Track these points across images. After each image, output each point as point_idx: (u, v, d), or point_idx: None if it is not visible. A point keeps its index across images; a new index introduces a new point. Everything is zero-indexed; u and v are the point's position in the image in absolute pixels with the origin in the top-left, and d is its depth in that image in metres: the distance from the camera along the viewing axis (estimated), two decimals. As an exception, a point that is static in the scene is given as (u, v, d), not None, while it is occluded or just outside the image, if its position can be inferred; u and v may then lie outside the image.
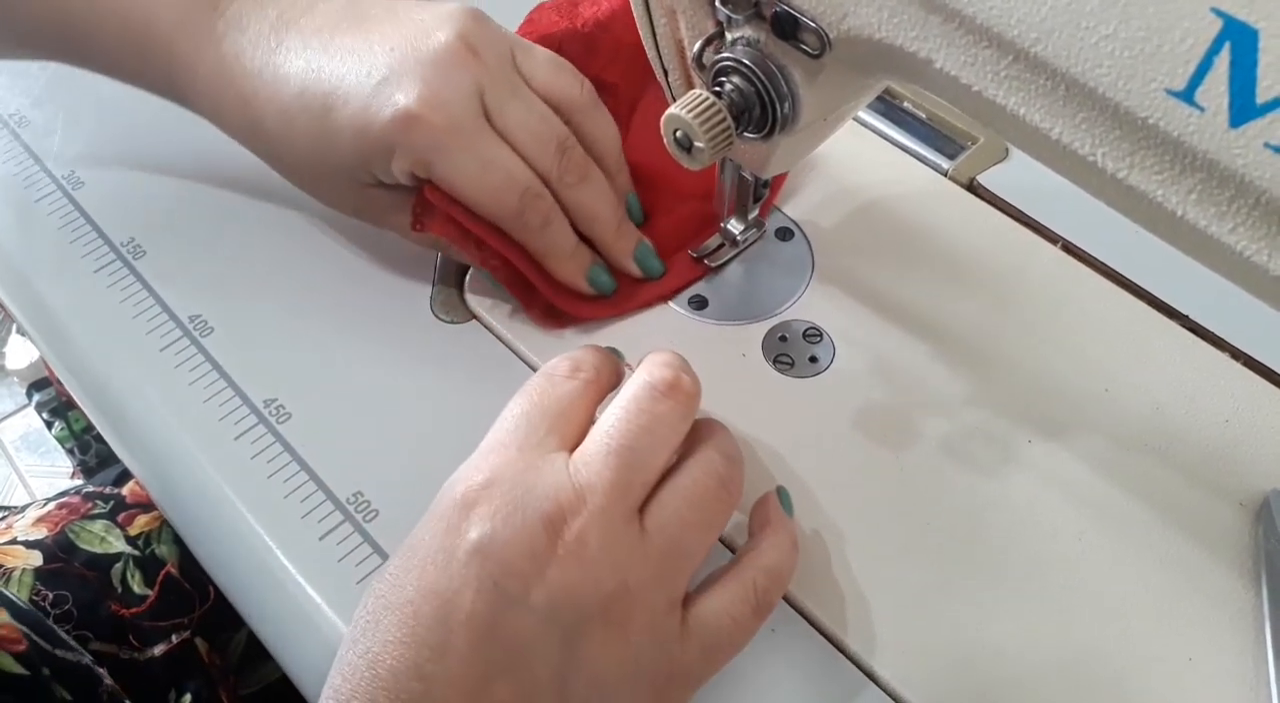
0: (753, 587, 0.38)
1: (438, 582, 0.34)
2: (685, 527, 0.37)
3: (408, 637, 0.33)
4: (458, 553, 0.34)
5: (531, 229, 0.46)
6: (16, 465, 1.71)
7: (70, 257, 0.53)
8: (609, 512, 0.35)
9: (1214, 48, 0.26)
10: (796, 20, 0.37)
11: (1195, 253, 0.32)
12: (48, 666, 0.50)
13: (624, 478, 0.36)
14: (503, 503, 0.35)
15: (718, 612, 0.37)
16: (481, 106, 0.45)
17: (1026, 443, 0.47)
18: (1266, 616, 0.41)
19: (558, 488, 0.35)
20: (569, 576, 0.34)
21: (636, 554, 0.35)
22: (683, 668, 0.36)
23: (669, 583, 0.36)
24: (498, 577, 0.34)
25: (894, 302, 0.51)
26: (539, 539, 0.34)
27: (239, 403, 0.48)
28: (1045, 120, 0.32)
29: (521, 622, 0.33)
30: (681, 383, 0.39)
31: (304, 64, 0.45)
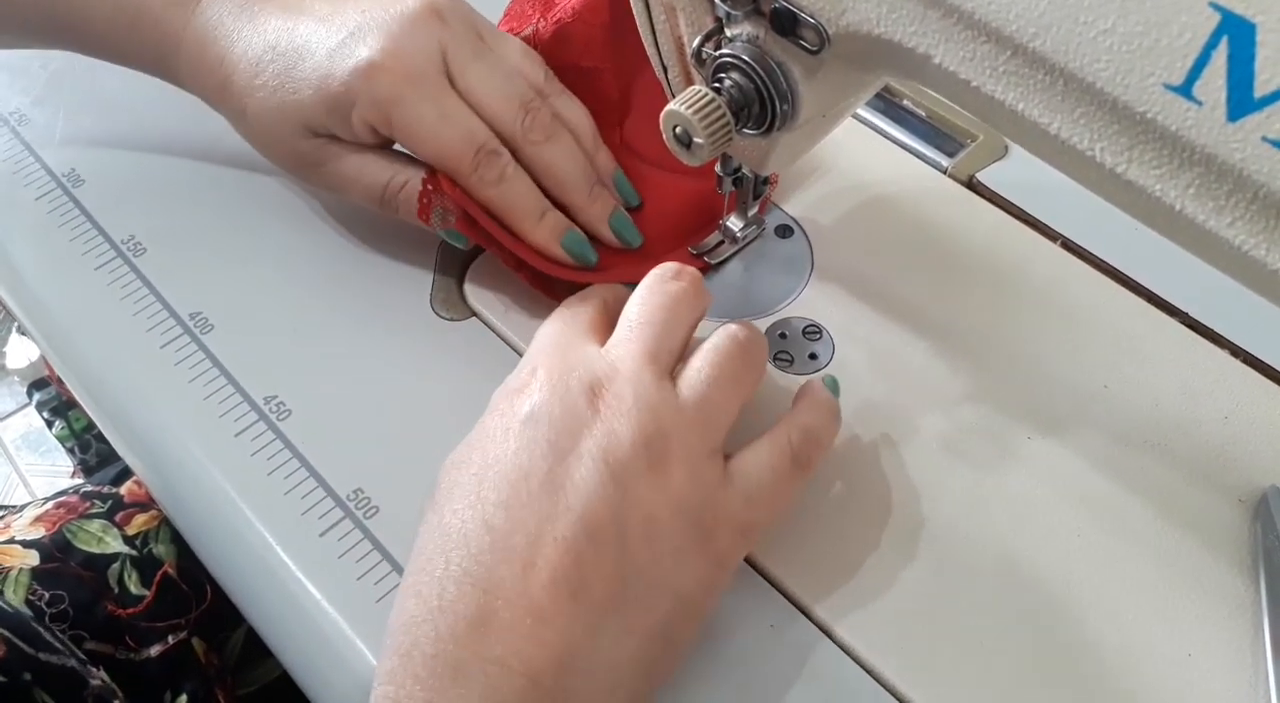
0: (788, 441, 0.41)
1: (497, 451, 0.38)
2: (712, 382, 0.40)
3: (474, 501, 0.37)
4: (512, 425, 0.38)
5: (488, 185, 0.47)
6: (17, 465, 1.71)
7: (70, 254, 0.53)
8: (640, 373, 0.39)
9: (1212, 42, 0.26)
10: (795, 16, 0.37)
11: (1194, 247, 0.32)
12: (29, 670, 0.50)
13: (650, 346, 0.40)
14: (547, 381, 0.39)
15: (757, 463, 0.40)
16: (444, 65, 0.46)
17: (1026, 439, 0.47)
18: (1265, 611, 0.41)
19: (593, 365, 0.40)
20: (611, 425, 0.38)
21: (670, 405, 0.39)
22: (728, 513, 0.39)
23: (704, 431, 0.39)
24: (550, 436, 0.37)
25: (893, 299, 0.51)
26: (582, 404, 0.38)
27: (239, 400, 0.48)
28: (1044, 115, 0.32)
29: (576, 468, 0.37)
30: (686, 269, 0.43)
31: (279, 24, 0.48)
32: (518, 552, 0.35)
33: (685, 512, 0.38)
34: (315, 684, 0.43)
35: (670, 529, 0.37)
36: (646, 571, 0.37)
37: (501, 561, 0.35)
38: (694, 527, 0.38)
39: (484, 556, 0.35)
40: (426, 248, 0.53)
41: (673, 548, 0.37)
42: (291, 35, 0.47)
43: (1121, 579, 0.43)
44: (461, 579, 0.35)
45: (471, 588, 0.35)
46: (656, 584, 0.37)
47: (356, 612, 0.42)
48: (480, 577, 0.35)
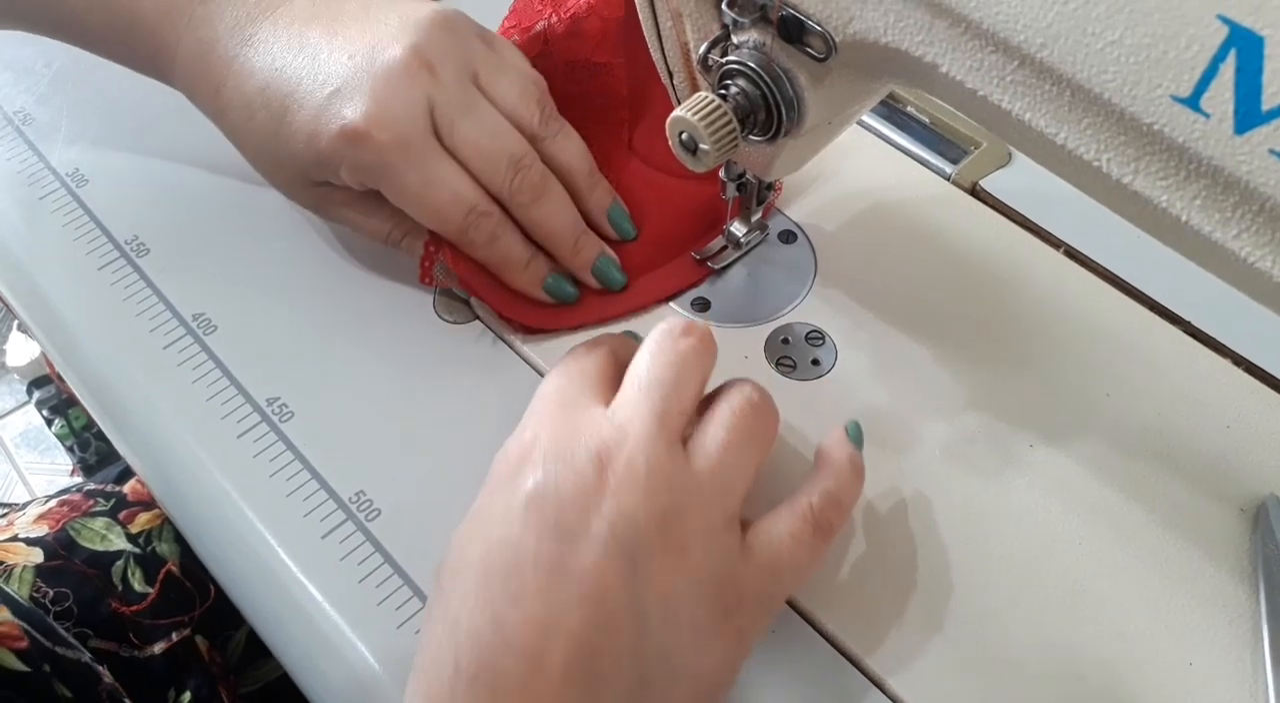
0: (809, 507, 0.39)
1: (502, 534, 0.36)
2: (727, 447, 0.38)
3: (483, 591, 0.35)
4: (515, 504, 0.36)
5: (478, 245, 0.47)
6: (16, 463, 1.71)
7: (74, 254, 0.53)
8: (651, 440, 0.36)
9: (1219, 55, 0.26)
10: (802, 24, 0.37)
11: (1199, 259, 0.32)
12: (48, 663, 0.50)
13: (659, 408, 0.37)
14: (550, 451, 0.37)
15: (778, 531, 0.38)
16: (431, 123, 0.45)
17: (1028, 447, 0.47)
18: (1264, 620, 0.41)
19: (599, 430, 0.37)
20: (623, 501, 0.35)
21: (684, 475, 0.37)
22: (749, 587, 0.37)
23: (721, 502, 0.37)
24: (557, 516, 0.35)
25: (896, 305, 0.51)
26: (589, 476, 0.36)
27: (242, 401, 0.48)
28: (1050, 126, 0.32)
29: (586, 554, 0.35)
30: (696, 324, 0.41)
31: (270, 60, 0.46)
32: (529, 648, 0.34)
33: (704, 589, 0.36)
34: (316, 685, 0.43)
35: (689, 609, 0.36)
36: (666, 655, 0.35)
37: (513, 660, 0.34)
38: (714, 604, 0.36)
39: (495, 655, 0.34)
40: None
41: (693, 629, 0.36)
42: (282, 77, 0.46)
43: (1123, 587, 0.43)
44: (473, 683, 0.34)
45: (484, 691, 0.33)
46: (676, 668, 0.35)
47: (358, 614, 0.42)
48: (491, 679, 0.33)
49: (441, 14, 0.47)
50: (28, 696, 0.48)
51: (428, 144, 0.45)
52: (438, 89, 0.45)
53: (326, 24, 0.47)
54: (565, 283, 0.50)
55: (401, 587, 0.42)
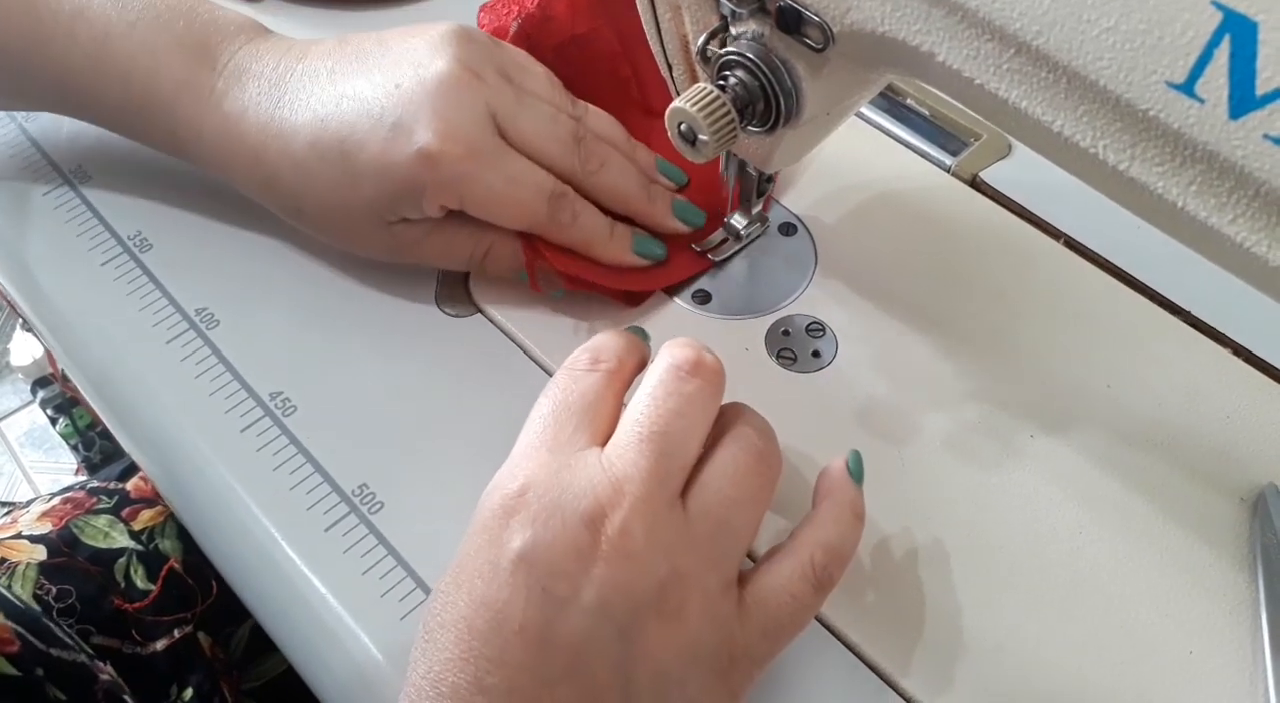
0: (810, 563, 0.37)
1: (487, 594, 0.34)
2: (730, 505, 0.36)
3: (465, 653, 0.33)
4: (502, 563, 0.34)
5: (564, 226, 0.47)
6: (20, 461, 1.71)
7: (77, 250, 0.53)
8: (649, 500, 0.35)
9: (1214, 40, 0.26)
10: (800, 14, 0.37)
11: (1196, 245, 0.32)
12: (41, 665, 0.50)
13: (661, 464, 0.35)
14: (540, 507, 0.35)
15: (776, 590, 0.36)
16: (494, 126, 0.45)
17: (1028, 438, 0.47)
18: (1263, 609, 0.41)
19: (594, 484, 0.35)
20: (617, 570, 0.34)
21: (683, 539, 0.35)
22: (744, 650, 0.36)
23: (721, 564, 0.36)
24: (545, 582, 0.33)
25: (897, 297, 0.51)
26: (582, 538, 0.34)
27: (245, 395, 0.48)
28: (1047, 113, 0.32)
29: (575, 624, 0.33)
30: (705, 360, 0.38)
31: (310, 115, 0.46)
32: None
33: (699, 660, 0.35)
34: (320, 678, 0.43)
35: (683, 679, 0.34)
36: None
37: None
38: (709, 673, 0.35)
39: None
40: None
41: (683, 697, 0.34)
42: (329, 127, 0.45)
43: (1123, 577, 0.43)
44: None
45: None
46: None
47: (361, 606, 0.42)
48: None
49: (457, 27, 0.47)
50: (18, 700, 0.48)
51: (497, 145, 0.45)
52: (490, 93, 0.45)
53: (353, 68, 0.46)
54: (651, 242, 0.50)
55: (405, 579, 0.43)
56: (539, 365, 0.49)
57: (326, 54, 0.47)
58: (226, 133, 0.47)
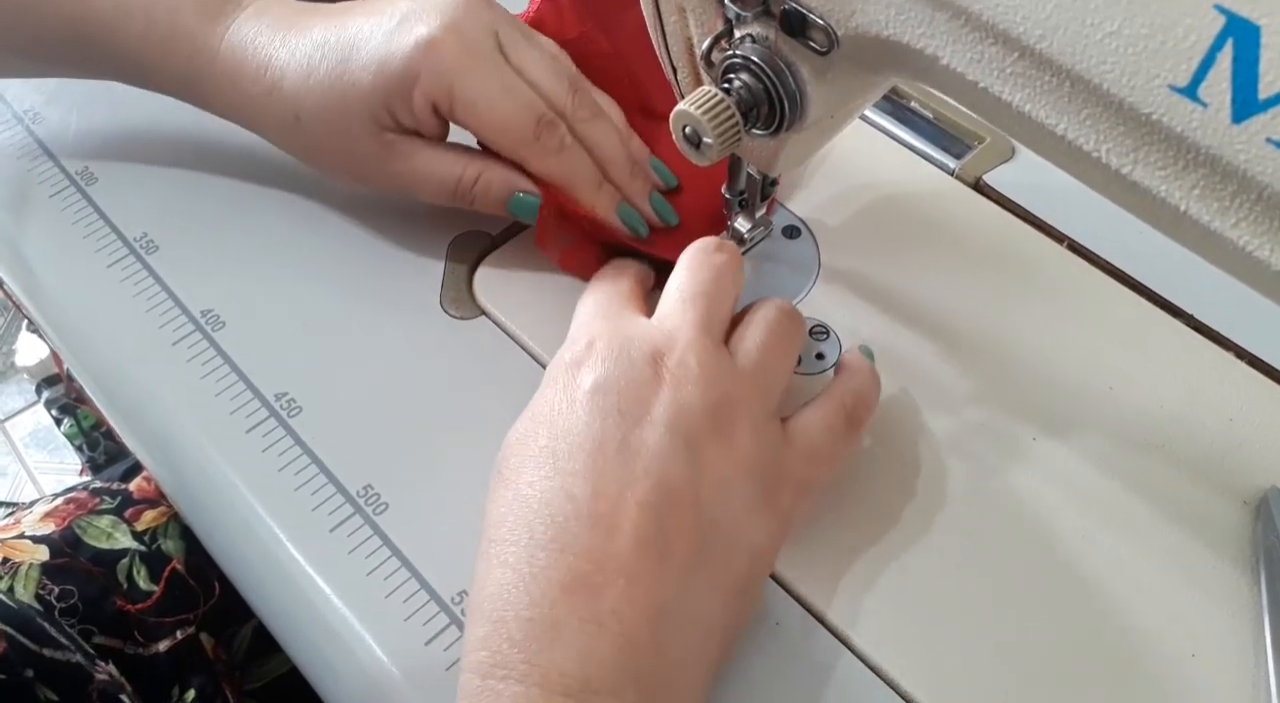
0: (841, 403, 0.43)
1: (568, 423, 0.39)
2: (766, 348, 0.42)
3: (551, 472, 0.38)
4: (578, 397, 0.39)
5: (550, 151, 0.48)
6: (25, 462, 1.71)
7: (83, 251, 0.53)
8: (699, 342, 0.40)
9: (1217, 44, 0.26)
10: (805, 18, 0.37)
11: (1198, 248, 0.32)
12: (31, 667, 0.50)
13: (704, 316, 0.42)
14: (607, 353, 0.40)
15: (815, 422, 0.42)
16: (497, 44, 0.47)
17: (1031, 440, 0.47)
18: (1266, 612, 0.41)
19: (651, 334, 0.41)
20: (679, 393, 0.39)
21: (730, 372, 0.41)
22: (789, 471, 0.41)
23: (764, 395, 0.41)
24: (620, 405, 0.38)
25: (900, 300, 0.52)
26: (646, 371, 0.39)
27: (250, 396, 0.48)
28: (1050, 117, 0.32)
29: (649, 435, 0.38)
30: (724, 243, 0.45)
31: (324, 25, 0.48)
32: (602, 517, 0.36)
33: (753, 472, 0.39)
34: (324, 678, 0.43)
35: (741, 489, 0.39)
36: (723, 529, 0.38)
37: (588, 527, 0.36)
38: (761, 485, 0.39)
39: (570, 523, 0.36)
40: (437, 246, 0.53)
41: (745, 506, 0.39)
42: (341, 32, 0.47)
43: (1125, 580, 0.43)
44: (550, 546, 0.36)
45: (561, 554, 0.36)
46: (733, 541, 0.38)
47: (365, 607, 0.42)
48: (569, 543, 0.36)
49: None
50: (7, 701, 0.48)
51: (497, 57, 0.47)
52: (497, 18, 0.47)
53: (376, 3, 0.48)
54: (636, 215, 0.51)
55: (409, 580, 0.43)
56: (543, 367, 0.49)
57: None
58: (238, 50, 0.49)
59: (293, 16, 0.49)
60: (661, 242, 0.51)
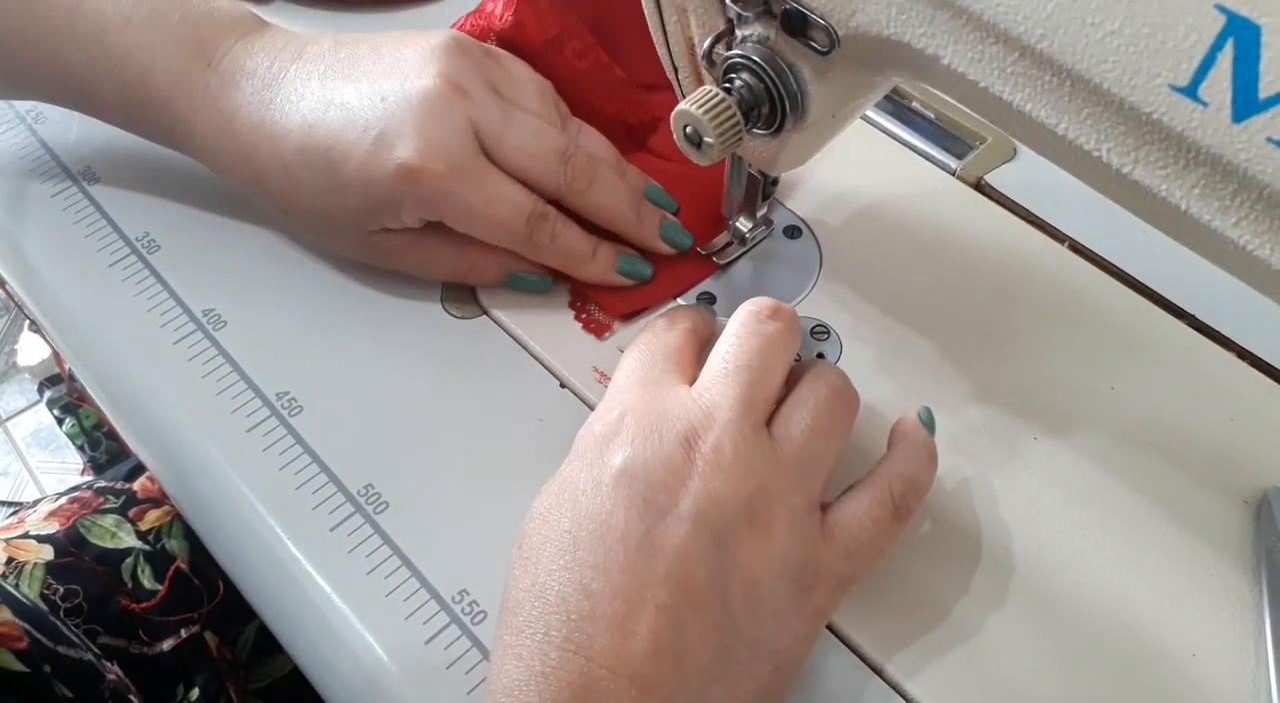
0: (889, 492, 0.40)
1: (590, 508, 0.36)
2: (812, 433, 0.39)
3: (570, 562, 0.36)
4: (605, 479, 0.37)
5: (543, 247, 0.48)
6: (27, 462, 1.72)
7: (85, 251, 0.53)
8: (739, 424, 0.38)
9: (1217, 44, 0.27)
10: (806, 17, 0.37)
11: (1199, 247, 0.32)
12: (49, 663, 0.50)
13: (747, 393, 0.38)
14: (639, 430, 0.38)
15: (858, 515, 0.39)
16: (477, 143, 0.46)
17: (1032, 440, 0.47)
18: (1267, 612, 0.41)
19: (687, 410, 0.38)
20: (711, 483, 0.36)
21: (770, 461, 0.38)
22: (828, 567, 0.38)
23: (805, 486, 0.38)
24: (646, 493, 0.36)
25: (901, 299, 0.52)
26: (677, 455, 0.37)
27: (251, 395, 0.48)
28: (1051, 116, 0.32)
29: (674, 531, 0.36)
30: (783, 307, 0.42)
31: (299, 120, 0.46)
32: (619, 619, 0.35)
33: (786, 572, 0.37)
34: (325, 677, 0.43)
35: (771, 590, 0.36)
36: (747, 633, 0.36)
37: (603, 628, 0.34)
38: (794, 586, 0.37)
39: (584, 623, 0.35)
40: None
41: (774, 609, 0.37)
42: (316, 135, 0.46)
43: (1126, 579, 0.43)
44: (563, 646, 0.34)
45: (574, 655, 0.34)
46: (757, 646, 0.36)
47: (366, 606, 0.42)
48: (582, 644, 0.34)
49: (449, 38, 0.47)
50: (27, 696, 0.48)
51: (479, 163, 0.46)
52: (474, 109, 0.46)
53: (344, 74, 0.47)
54: (637, 260, 0.51)
55: (409, 579, 0.43)
56: (544, 367, 0.49)
57: (319, 57, 0.48)
58: (219, 130, 0.48)
59: (263, 90, 0.47)
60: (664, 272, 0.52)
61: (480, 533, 0.44)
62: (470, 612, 0.42)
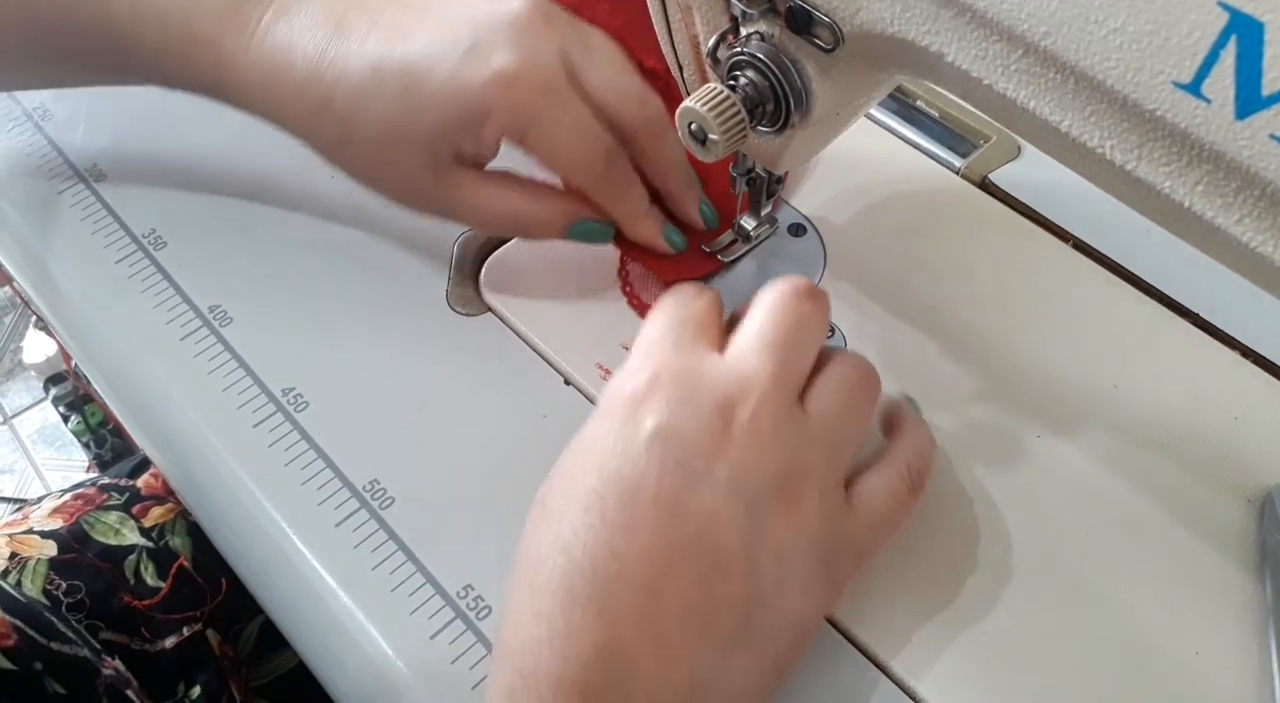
0: (906, 468, 0.41)
1: (621, 468, 0.36)
2: (842, 412, 0.40)
3: (597, 521, 0.35)
4: (637, 440, 0.36)
5: (618, 186, 0.47)
6: (33, 459, 1.72)
7: (92, 248, 0.54)
8: (775, 397, 0.38)
9: (1220, 41, 0.27)
10: (810, 15, 0.37)
11: (1202, 244, 0.32)
12: (40, 660, 0.50)
13: (783, 368, 0.39)
14: (674, 393, 0.37)
15: (879, 490, 0.40)
16: (565, 69, 0.45)
17: (1035, 438, 0.47)
18: (1270, 611, 0.41)
19: (723, 377, 0.38)
20: (747, 453, 0.36)
21: (804, 435, 0.38)
22: (851, 541, 0.39)
23: (833, 462, 0.39)
24: (680, 457, 0.36)
25: (905, 298, 0.52)
26: (715, 421, 0.37)
27: (257, 391, 0.48)
28: (1055, 113, 0.32)
29: (707, 496, 0.36)
30: (818, 290, 0.42)
31: (374, 42, 0.45)
32: (645, 580, 0.34)
33: (813, 545, 0.37)
34: (330, 673, 0.43)
35: (798, 562, 0.37)
36: (773, 603, 0.36)
37: (628, 589, 0.34)
38: (819, 558, 0.37)
39: (610, 583, 0.34)
40: (443, 243, 0.53)
41: (799, 580, 0.37)
42: (394, 55, 0.44)
43: (1129, 578, 0.43)
44: (587, 605, 0.34)
45: (598, 615, 0.34)
46: (780, 616, 0.36)
47: (372, 601, 0.42)
48: (606, 604, 0.34)
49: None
50: (15, 694, 0.49)
51: (569, 88, 0.45)
52: (562, 38, 0.45)
53: (417, 7, 0.46)
54: (676, 232, 0.50)
55: (415, 574, 0.43)
56: (549, 363, 0.49)
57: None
58: (276, 60, 0.46)
59: (326, 19, 0.46)
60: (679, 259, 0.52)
61: (485, 529, 0.44)
62: (475, 607, 0.42)
